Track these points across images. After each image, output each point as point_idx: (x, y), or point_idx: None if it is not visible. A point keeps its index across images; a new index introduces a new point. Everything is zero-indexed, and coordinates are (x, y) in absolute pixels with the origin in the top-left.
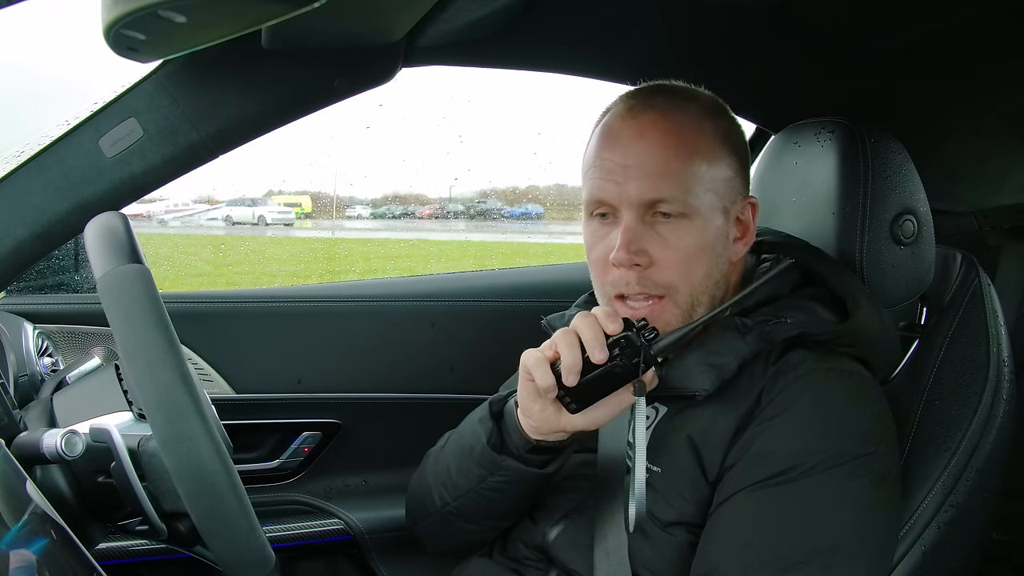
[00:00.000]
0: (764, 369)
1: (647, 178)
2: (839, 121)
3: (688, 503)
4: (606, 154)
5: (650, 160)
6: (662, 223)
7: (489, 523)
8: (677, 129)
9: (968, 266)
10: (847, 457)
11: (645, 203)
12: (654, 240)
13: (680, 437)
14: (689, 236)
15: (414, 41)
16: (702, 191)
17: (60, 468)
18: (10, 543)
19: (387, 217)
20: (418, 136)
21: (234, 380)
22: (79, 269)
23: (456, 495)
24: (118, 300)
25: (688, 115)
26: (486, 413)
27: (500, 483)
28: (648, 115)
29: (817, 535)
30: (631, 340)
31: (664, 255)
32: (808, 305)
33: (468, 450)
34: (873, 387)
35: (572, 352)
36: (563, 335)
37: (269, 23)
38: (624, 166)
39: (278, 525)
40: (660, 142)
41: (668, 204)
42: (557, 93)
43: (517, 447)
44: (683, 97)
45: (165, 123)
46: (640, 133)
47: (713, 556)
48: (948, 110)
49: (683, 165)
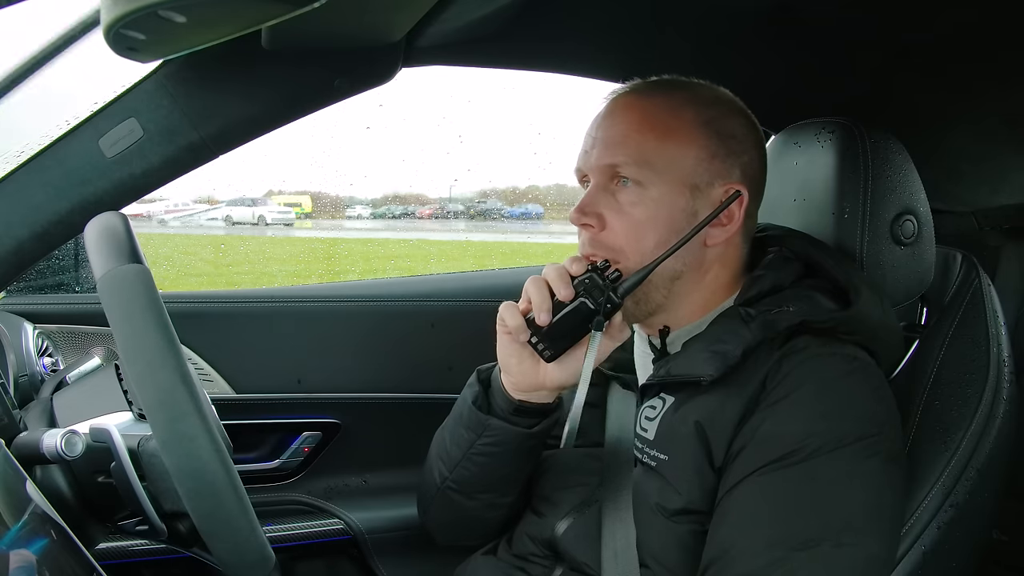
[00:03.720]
0: (769, 355)
1: (605, 146)
2: (839, 121)
3: (695, 490)
4: (587, 132)
5: (612, 132)
6: (621, 190)
7: (486, 497)
8: (644, 108)
9: (968, 266)
10: (852, 438)
11: (603, 168)
12: (609, 204)
13: (687, 424)
14: (642, 204)
15: (414, 41)
16: (661, 165)
17: (60, 468)
18: (10, 543)
19: (387, 217)
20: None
21: (234, 380)
22: (79, 269)
23: (451, 466)
24: (118, 300)
25: (666, 99)
26: (474, 379)
27: (487, 446)
28: (623, 98)
29: (828, 514)
30: (594, 280)
31: (615, 220)
32: (810, 294)
33: (458, 416)
34: (877, 372)
35: (540, 291)
36: (531, 280)
37: (269, 23)
38: (594, 138)
39: (278, 525)
40: (623, 117)
41: (623, 168)
42: (557, 93)
43: (502, 409)
44: (672, 86)
45: (165, 123)
46: (611, 111)
47: (725, 539)
48: (948, 110)
49: (641, 137)
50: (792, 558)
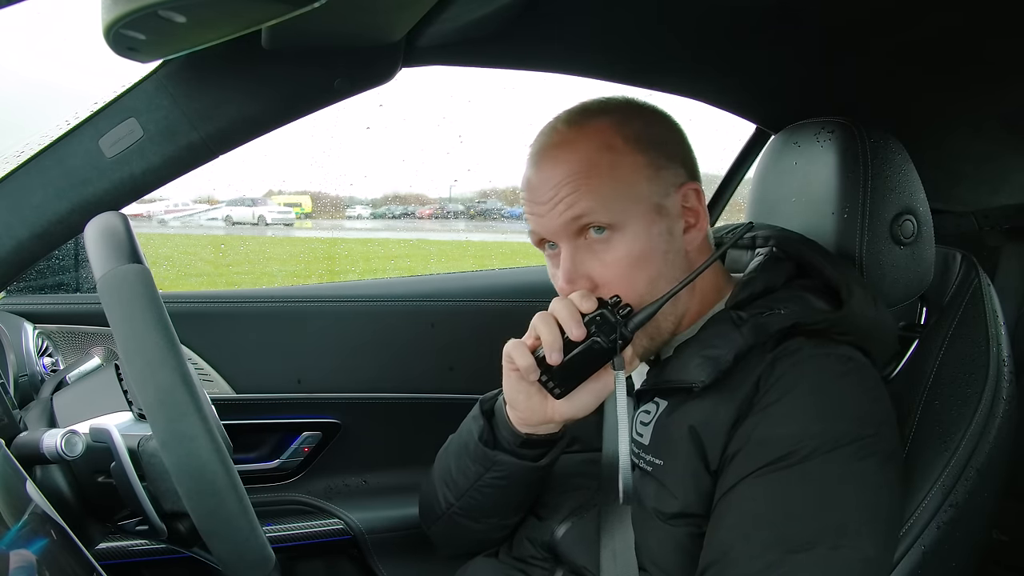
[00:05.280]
0: (761, 357)
1: (560, 201)
2: (839, 121)
3: (691, 494)
4: (527, 196)
5: (561, 186)
6: (596, 241)
7: (494, 521)
8: (574, 153)
9: (968, 266)
10: (848, 439)
11: (568, 224)
12: (592, 261)
13: (682, 429)
14: (622, 248)
15: (414, 41)
16: (621, 201)
17: (60, 468)
18: (10, 543)
19: (387, 217)
20: (418, 136)
21: (234, 380)
22: (79, 269)
23: (458, 494)
24: (118, 300)
25: (590, 134)
26: (477, 411)
27: (496, 479)
28: (550, 151)
29: (824, 515)
30: (606, 317)
31: (604, 274)
32: (801, 296)
33: (464, 448)
34: (872, 373)
35: (551, 330)
36: (540, 317)
37: (269, 23)
38: (541, 203)
39: (278, 525)
40: (564, 168)
41: (591, 216)
42: (557, 93)
43: (508, 442)
44: (587, 116)
45: (165, 123)
46: (546, 170)
47: (722, 543)
48: (948, 110)
49: (593, 180)
50: (789, 560)
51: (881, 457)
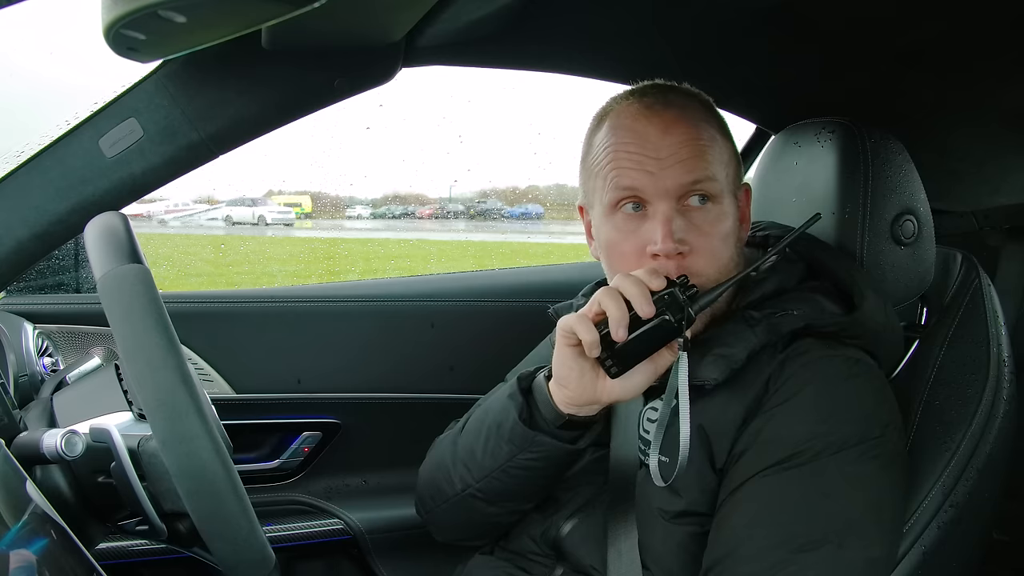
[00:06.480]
0: (771, 357)
1: (681, 164)
2: (839, 121)
3: (695, 492)
4: (635, 149)
5: (677, 148)
6: (694, 211)
7: (511, 505)
8: (696, 121)
9: (968, 266)
10: (854, 440)
11: (682, 188)
12: (690, 228)
13: (691, 427)
14: (719, 221)
15: (414, 41)
16: (721, 176)
17: (60, 468)
18: (10, 543)
19: (387, 217)
20: (418, 136)
21: (234, 380)
22: (79, 269)
23: (481, 475)
24: (118, 300)
25: (697, 110)
26: (515, 389)
27: (530, 460)
28: (670, 111)
29: (830, 516)
30: (675, 296)
31: (700, 242)
32: (813, 298)
33: (495, 427)
34: (879, 375)
35: (619, 306)
36: (607, 292)
37: (269, 23)
38: (657, 158)
39: (278, 525)
40: (687, 133)
41: (702, 185)
42: (557, 93)
43: (548, 422)
44: (688, 94)
45: (165, 123)
46: (667, 128)
47: (728, 541)
48: (948, 110)
49: (711, 150)
50: (795, 560)
51: (887, 458)
